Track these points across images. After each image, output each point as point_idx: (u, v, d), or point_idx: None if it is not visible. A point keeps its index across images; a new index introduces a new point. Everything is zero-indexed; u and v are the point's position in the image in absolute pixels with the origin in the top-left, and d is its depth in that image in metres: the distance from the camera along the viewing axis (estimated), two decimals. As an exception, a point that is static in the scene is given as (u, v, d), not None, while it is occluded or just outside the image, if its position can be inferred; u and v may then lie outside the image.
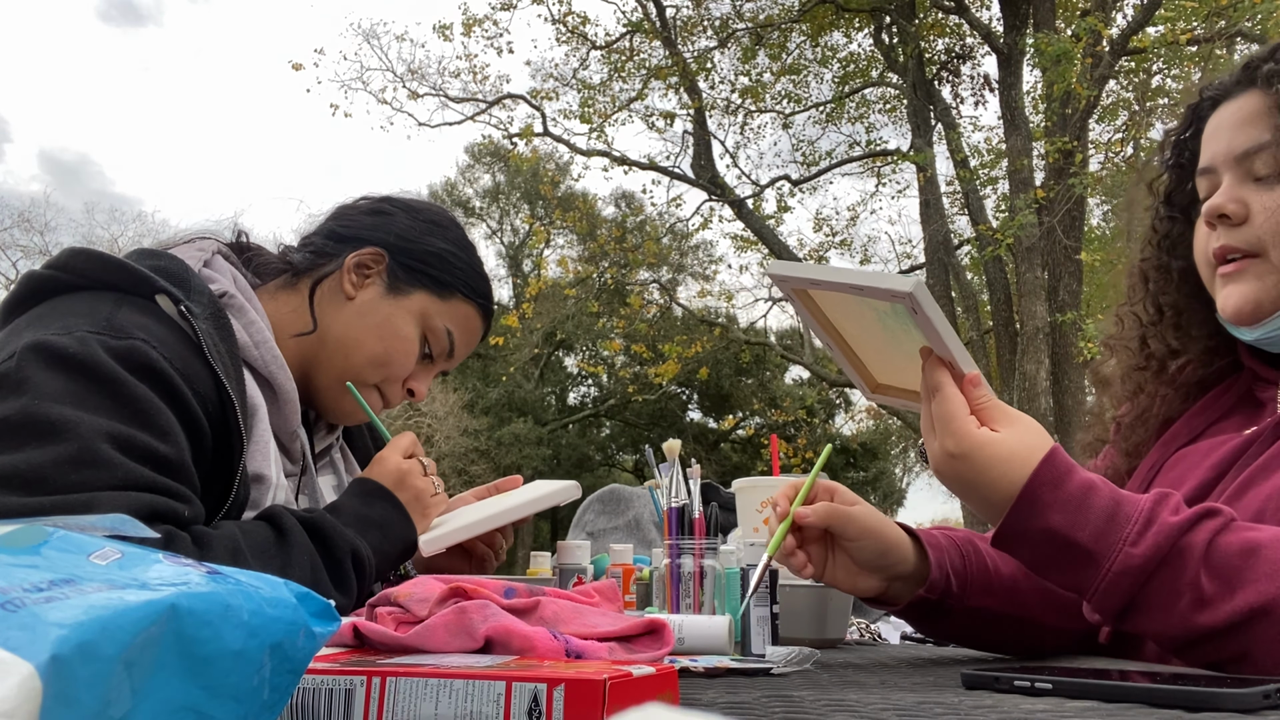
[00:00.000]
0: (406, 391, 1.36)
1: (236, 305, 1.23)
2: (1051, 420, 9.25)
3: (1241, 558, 0.80)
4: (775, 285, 1.07)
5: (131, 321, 1.08)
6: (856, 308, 1.03)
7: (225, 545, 1.02)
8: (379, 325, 1.30)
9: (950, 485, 0.94)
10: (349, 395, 1.30)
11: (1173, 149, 1.19)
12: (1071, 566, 0.86)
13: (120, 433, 0.99)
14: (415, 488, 1.25)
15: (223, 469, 1.12)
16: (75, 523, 0.44)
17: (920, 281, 0.89)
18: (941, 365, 0.94)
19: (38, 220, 21.21)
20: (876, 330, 1.05)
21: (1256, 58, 1.07)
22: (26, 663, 0.31)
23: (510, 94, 13.63)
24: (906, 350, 1.00)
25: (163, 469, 1.01)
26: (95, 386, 1.00)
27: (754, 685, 0.78)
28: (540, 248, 23.45)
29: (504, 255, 26.39)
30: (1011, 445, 0.88)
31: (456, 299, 1.35)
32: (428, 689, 0.52)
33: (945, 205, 11.96)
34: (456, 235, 1.39)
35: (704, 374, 15.79)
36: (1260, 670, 0.79)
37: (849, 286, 0.95)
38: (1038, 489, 0.86)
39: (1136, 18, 10.51)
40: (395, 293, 1.32)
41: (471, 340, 1.40)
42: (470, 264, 1.38)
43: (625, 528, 1.90)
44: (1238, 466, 1.04)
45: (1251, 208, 1.03)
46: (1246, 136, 1.04)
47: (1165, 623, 0.83)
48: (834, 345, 1.11)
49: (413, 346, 1.32)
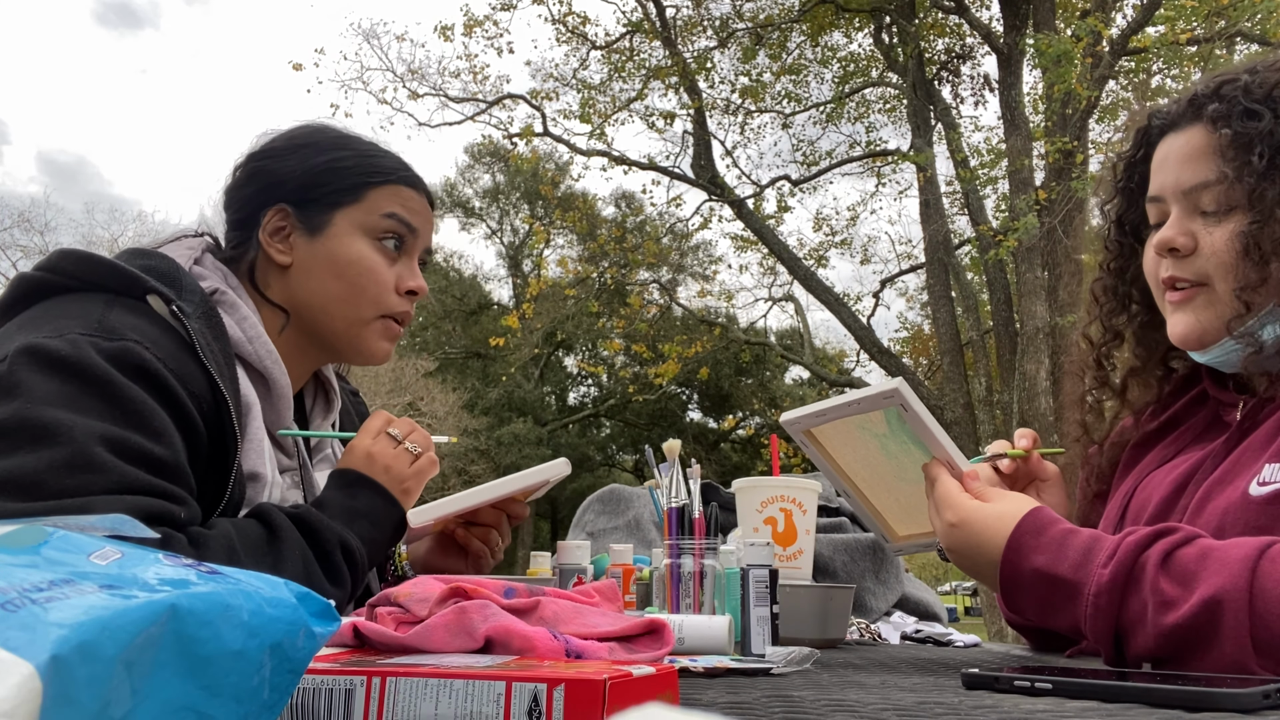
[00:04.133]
0: (409, 295, 1.32)
1: (228, 302, 1.22)
2: (1051, 420, 9.24)
3: (1197, 561, 0.86)
4: (791, 436, 1.22)
5: (123, 323, 1.07)
6: (858, 439, 1.19)
7: (221, 545, 1.02)
8: (329, 267, 1.27)
9: (956, 558, 1.06)
10: (368, 331, 1.29)
11: (1123, 172, 1.24)
12: (1064, 603, 0.93)
13: (114, 435, 0.98)
14: (387, 465, 1.24)
15: (218, 468, 1.12)
16: (75, 523, 0.44)
17: (901, 379, 1.09)
18: (940, 464, 1.10)
19: (38, 220, 21.26)
20: (883, 464, 1.21)
21: (1201, 94, 1.11)
22: (26, 663, 0.31)
23: (510, 94, 13.62)
24: (912, 479, 1.15)
25: (157, 471, 1.01)
26: (88, 389, 1.00)
27: (754, 685, 0.78)
28: (540, 248, 23.47)
29: (504, 255, 26.41)
30: (1001, 508, 1.02)
31: (371, 192, 1.30)
32: (428, 689, 0.52)
33: (945, 205, 11.94)
34: (329, 139, 1.34)
35: (704, 374, 15.77)
36: (1229, 658, 0.82)
37: (846, 407, 1.13)
38: (1022, 537, 0.97)
39: (1136, 18, 10.50)
40: (318, 231, 1.28)
41: (416, 207, 1.33)
42: (359, 154, 1.32)
43: (625, 528, 1.90)
44: (1195, 481, 1.09)
45: (1199, 241, 1.09)
46: (1193, 172, 1.09)
47: (1145, 636, 0.87)
48: (852, 495, 1.26)
49: (372, 260, 1.28)
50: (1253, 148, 1.04)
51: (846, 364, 17.68)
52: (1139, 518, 1.13)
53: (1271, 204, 1.03)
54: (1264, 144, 1.04)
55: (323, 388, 1.43)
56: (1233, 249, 1.05)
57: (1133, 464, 1.25)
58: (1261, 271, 1.03)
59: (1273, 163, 1.03)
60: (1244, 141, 1.05)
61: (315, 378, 1.42)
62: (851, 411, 1.13)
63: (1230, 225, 1.07)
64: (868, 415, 1.13)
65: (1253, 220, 1.04)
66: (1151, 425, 1.25)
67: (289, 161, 1.31)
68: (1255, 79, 1.08)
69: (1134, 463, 1.25)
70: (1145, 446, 1.25)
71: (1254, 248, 1.03)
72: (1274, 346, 1.05)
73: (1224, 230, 1.07)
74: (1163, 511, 1.11)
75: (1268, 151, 1.04)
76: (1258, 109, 1.06)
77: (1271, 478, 0.98)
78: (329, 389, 1.43)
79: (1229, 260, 1.06)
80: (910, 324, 16.70)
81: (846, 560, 1.71)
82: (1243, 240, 1.04)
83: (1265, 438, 1.03)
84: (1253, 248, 1.03)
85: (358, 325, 1.29)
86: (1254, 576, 0.82)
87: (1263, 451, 1.02)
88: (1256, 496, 0.98)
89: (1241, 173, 1.05)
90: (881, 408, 1.11)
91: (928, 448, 1.12)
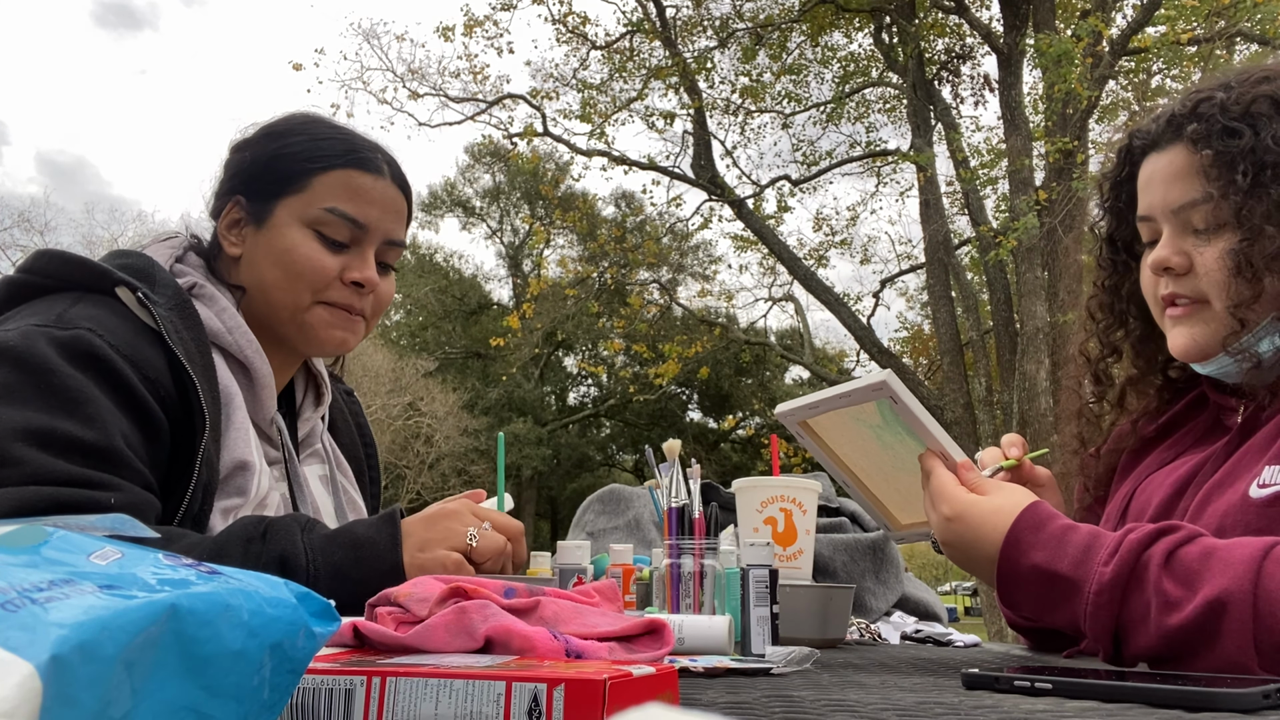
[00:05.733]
0: (354, 286, 1.27)
1: (207, 295, 1.23)
2: (1051, 421, 9.23)
3: (1199, 561, 0.86)
4: (787, 428, 1.22)
5: (82, 314, 1.09)
6: (855, 431, 1.19)
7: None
8: (268, 256, 1.25)
9: (952, 552, 1.05)
10: (309, 318, 1.26)
11: (1110, 191, 1.25)
12: (1062, 600, 0.93)
13: (39, 426, 0.99)
14: (437, 527, 1.10)
15: (184, 452, 1.11)
16: (75, 522, 0.44)
17: (890, 371, 1.08)
18: (934, 456, 1.10)
19: (38, 220, 21.27)
20: (879, 454, 1.21)
21: (1179, 114, 1.12)
22: (26, 663, 0.31)
23: (510, 94, 13.62)
24: (910, 469, 1.15)
25: (89, 458, 1.01)
26: (26, 378, 1.01)
27: (754, 685, 0.78)
28: (540, 248, 23.47)
29: (504, 255, 26.41)
30: (998, 502, 1.01)
31: (315, 180, 1.25)
32: (428, 689, 0.52)
33: (945, 205, 11.94)
34: (285, 126, 1.30)
35: (704, 374, 15.78)
36: (1230, 659, 0.82)
37: (837, 399, 1.13)
38: (1020, 532, 0.97)
39: (1136, 18, 10.50)
40: (262, 220, 1.26)
41: (366, 196, 1.27)
42: (310, 139, 1.28)
43: (625, 528, 1.90)
44: (1195, 483, 1.09)
45: (1194, 260, 1.10)
46: (1180, 191, 1.10)
47: (1147, 635, 0.87)
48: (852, 484, 1.26)
49: (308, 249, 1.24)
50: (1236, 166, 1.05)
51: (846, 364, 17.69)
52: (1139, 520, 1.13)
53: (1260, 220, 1.03)
54: (1246, 161, 1.04)
55: (313, 380, 1.43)
56: (1224, 266, 1.06)
57: (1132, 467, 1.26)
58: (1254, 288, 1.03)
59: (1257, 179, 1.04)
60: (1226, 160, 1.06)
61: (306, 370, 1.42)
62: (843, 404, 1.13)
63: (1221, 243, 1.07)
64: (861, 407, 1.13)
65: (1242, 238, 1.04)
66: (1150, 430, 1.25)
67: (249, 152, 1.30)
68: (1231, 95, 1.08)
69: (1133, 466, 1.26)
70: (1144, 450, 1.25)
71: (1245, 265, 1.04)
72: (1272, 359, 1.06)
73: (1215, 249, 1.07)
74: (1163, 513, 1.11)
75: (1251, 169, 1.04)
76: (1237, 126, 1.06)
77: (1272, 480, 0.98)
78: (320, 382, 1.43)
79: (1222, 278, 1.06)
80: (910, 324, 16.72)
81: (846, 560, 1.71)
82: (1234, 258, 1.05)
83: (1265, 440, 1.03)
84: (1244, 265, 1.04)
85: (299, 312, 1.26)
86: (1258, 578, 0.82)
87: (1263, 454, 1.02)
88: (1257, 498, 0.98)
89: (1227, 191, 1.05)
90: (872, 399, 1.11)
91: (920, 439, 1.12)
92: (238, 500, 1.16)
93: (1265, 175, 1.04)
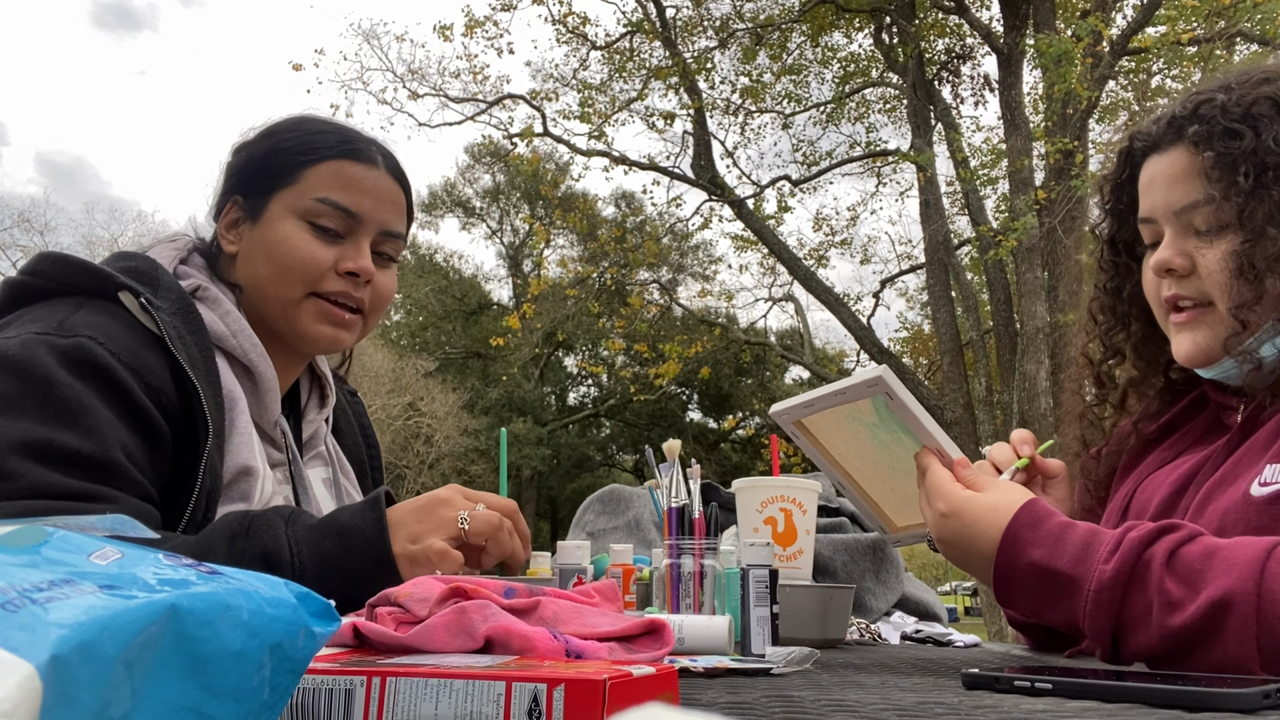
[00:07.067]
0: (349, 276, 1.26)
1: (210, 297, 1.23)
2: (1051, 421, 9.23)
3: (1202, 561, 0.85)
4: (781, 428, 1.21)
5: (84, 321, 1.08)
6: (850, 430, 1.18)
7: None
8: (261, 250, 1.25)
9: (947, 549, 1.05)
10: (299, 312, 1.25)
11: (1110, 194, 1.25)
12: (1061, 598, 0.92)
13: (37, 439, 0.98)
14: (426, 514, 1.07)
15: (188, 458, 1.11)
16: (75, 523, 0.44)
17: (886, 366, 1.07)
18: (930, 452, 1.09)
19: (37, 220, 21.27)
20: (875, 454, 1.20)
21: (1180, 115, 1.12)
22: (26, 663, 0.31)
23: (510, 94, 13.62)
24: (905, 468, 1.14)
25: (86, 470, 1.00)
26: (26, 389, 1.00)
27: (754, 685, 0.78)
28: (540, 248, 23.49)
29: (504, 255, 26.41)
30: (995, 498, 1.00)
31: (307, 172, 1.25)
32: (428, 689, 0.52)
33: (945, 205, 11.94)
34: (280, 125, 1.30)
35: (704, 374, 15.78)
36: (1231, 659, 0.82)
37: (832, 396, 1.12)
38: (1018, 530, 0.96)
39: (1136, 18, 10.51)
40: (257, 216, 1.26)
41: (359, 185, 1.26)
42: (302, 134, 1.28)
43: (625, 528, 1.90)
44: (1196, 483, 1.09)
45: (1196, 261, 1.10)
46: (1182, 193, 1.10)
47: (1147, 635, 0.87)
48: (847, 485, 1.26)
49: (300, 240, 1.24)
50: (1237, 168, 1.05)
51: (847, 364, 17.70)
52: (1139, 518, 1.13)
53: (1262, 222, 1.03)
54: (1248, 163, 1.04)
55: (318, 382, 1.43)
56: (1227, 268, 1.06)
57: (1132, 467, 1.26)
58: (1256, 289, 1.03)
59: (1259, 181, 1.04)
60: (1228, 162, 1.05)
61: (310, 371, 1.42)
62: (838, 401, 1.13)
63: (1223, 245, 1.07)
64: (856, 405, 1.13)
65: (1244, 239, 1.04)
66: (1151, 430, 1.25)
67: (246, 153, 1.31)
68: (1231, 97, 1.08)
69: (1133, 466, 1.26)
70: (1145, 450, 1.25)
71: (1248, 267, 1.04)
72: (1274, 363, 1.06)
73: (1217, 250, 1.07)
74: (1163, 512, 1.11)
75: (1253, 170, 1.04)
76: (1238, 128, 1.06)
77: (1272, 478, 0.98)
78: (324, 383, 1.43)
79: (1224, 280, 1.06)
80: (910, 324, 16.72)
81: (846, 560, 1.71)
82: (1236, 260, 1.05)
83: (1266, 439, 1.03)
84: (1246, 267, 1.04)
85: (290, 306, 1.25)
86: (1262, 578, 0.82)
87: (1264, 452, 1.02)
88: (1257, 497, 0.98)
89: (1229, 193, 1.05)
90: (867, 396, 1.10)
91: (916, 436, 1.11)
92: (241, 506, 1.15)
93: (1267, 177, 1.04)
